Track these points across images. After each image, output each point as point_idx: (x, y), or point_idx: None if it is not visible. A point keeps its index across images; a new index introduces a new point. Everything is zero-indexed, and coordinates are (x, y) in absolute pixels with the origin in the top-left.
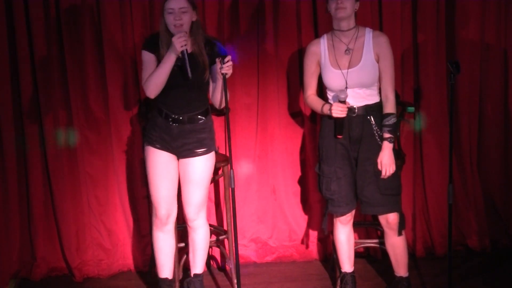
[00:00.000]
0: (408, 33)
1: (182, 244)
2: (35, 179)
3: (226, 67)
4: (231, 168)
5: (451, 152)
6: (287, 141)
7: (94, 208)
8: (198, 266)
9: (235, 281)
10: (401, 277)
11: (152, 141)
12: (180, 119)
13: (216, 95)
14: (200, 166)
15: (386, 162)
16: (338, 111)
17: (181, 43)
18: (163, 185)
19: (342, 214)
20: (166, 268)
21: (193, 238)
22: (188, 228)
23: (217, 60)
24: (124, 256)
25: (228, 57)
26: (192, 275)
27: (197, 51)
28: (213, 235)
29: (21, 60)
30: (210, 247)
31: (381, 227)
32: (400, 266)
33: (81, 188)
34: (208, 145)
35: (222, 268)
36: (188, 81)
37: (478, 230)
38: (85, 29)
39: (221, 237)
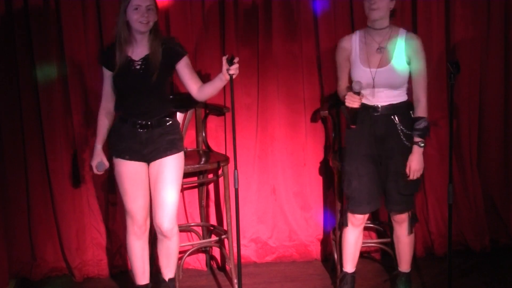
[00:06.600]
0: None
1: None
2: (35, 179)
3: (234, 68)
4: (235, 168)
5: (451, 152)
6: (287, 141)
7: (94, 208)
8: (172, 271)
9: (235, 281)
10: (400, 272)
11: (120, 153)
12: (148, 124)
13: (207, 91)
14: (171, 164)
15: (415, 167)
16: (351, 101)
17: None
18: (139, 194)
19: (362, 213)
20: (146, 274)
21: (167, 246)
22: (159, 236)
23: (224, 60)
24: (124, 256)
25: (236, 59)
26: (167, 279)
27: (153, 55)
28: (213, 235)
29: (21, 60)
30: (210, 247)
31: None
32: (402, 262)
33: (81, 188)
34: (178, 146)
35: (222, 268)
36: (148, 86)
37: (478, 230)
38: (86, 28)
39: (221, 237)
